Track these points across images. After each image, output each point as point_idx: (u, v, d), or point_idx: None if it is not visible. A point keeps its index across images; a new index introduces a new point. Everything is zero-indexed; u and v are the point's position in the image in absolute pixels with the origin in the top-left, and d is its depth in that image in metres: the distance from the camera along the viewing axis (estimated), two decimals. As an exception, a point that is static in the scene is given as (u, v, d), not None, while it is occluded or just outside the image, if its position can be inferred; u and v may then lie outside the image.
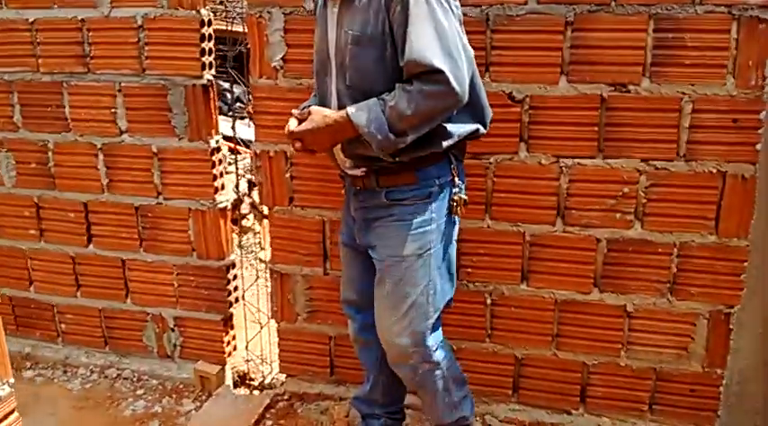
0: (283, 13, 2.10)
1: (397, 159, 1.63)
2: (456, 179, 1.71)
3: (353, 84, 1.64)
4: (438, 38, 1.51)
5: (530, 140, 1.98)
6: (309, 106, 1.73)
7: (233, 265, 2.46)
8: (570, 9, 1.87)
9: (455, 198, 1.71)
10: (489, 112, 1.74)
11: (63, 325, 2.69)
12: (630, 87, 1.88)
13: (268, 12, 2.11)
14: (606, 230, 1.99)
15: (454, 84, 1.50)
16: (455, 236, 1.79)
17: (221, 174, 2.38)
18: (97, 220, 2.52)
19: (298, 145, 1.66)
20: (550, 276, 2.07)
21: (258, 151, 2.25)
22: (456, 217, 1.76)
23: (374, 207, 1.75)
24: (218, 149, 2.37)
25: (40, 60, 2.42)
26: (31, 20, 2.39)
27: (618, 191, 1.95)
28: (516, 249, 2.07)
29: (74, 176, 2.50)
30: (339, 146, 1.71)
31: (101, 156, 2.44)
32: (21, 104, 2.49)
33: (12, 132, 2.53)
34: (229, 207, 2.42)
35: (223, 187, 2.39)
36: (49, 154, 2.51)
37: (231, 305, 2.47)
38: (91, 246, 2.55)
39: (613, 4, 1.84)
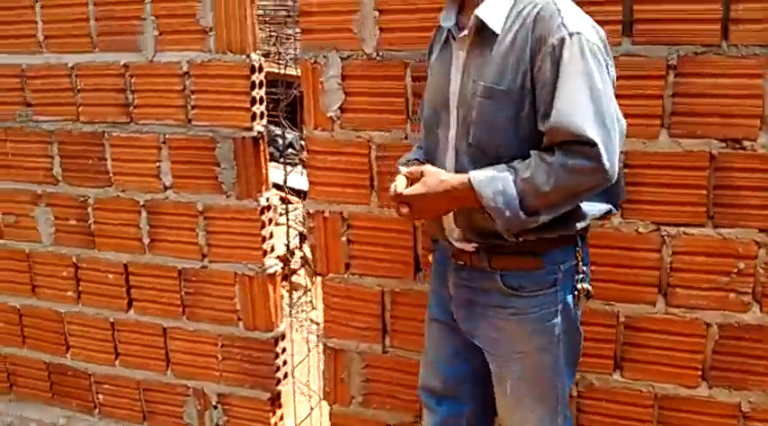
0: (341, 58, 2.17)
1: (521, 239, 1.56)
2: (580, 264, 1.65)
3: (478, 143, 1.57)
4: (592, 103, 1.43)
5: (625, 204, 1.94)
6: (417, 162, 1.68)
7: (282, 337, 2.52)
8: (672, 51, 1.82)
9: (578, 287, 1.65)
10: (623, 192, 1.68)
11: (100, 396, 2.81)
12: (746, 143, 1.81)
13: (324, 56, 2.18)
14: (717, 313, 1.91)
15: (605, 160, 1.41)
16: (580, 320, 1.70)
17: (271, 235, 2.45)
18: (138, 283, 2.64)
19: (404, 210, 1.58)
20: (649, 365, 2.00)
21: (311, 210, 2.30)
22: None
23: (484, 291, 1.68)
24: (269, 208, 2.44)
25: (80, 108, 2.59)
26: (70, 64, 2.56)
27: (732, 267, 1.87)
28: (609, 332, 2.01)
29: (114, 235, 2.63)
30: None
31: (143, 214, 2.57)
32: (60, 156, 2.67)
33: (51, 185, 2.71)
34: (279, 271, 2.48)
35: (273, 249, 2.46)
36: (89, 210, 2.66)
37: (279, 381, 2.52)
38: (131, 312, 2.67)
39: (724, 44, 1.78)
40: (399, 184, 1.60)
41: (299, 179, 3.85)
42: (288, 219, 3.38)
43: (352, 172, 2.21)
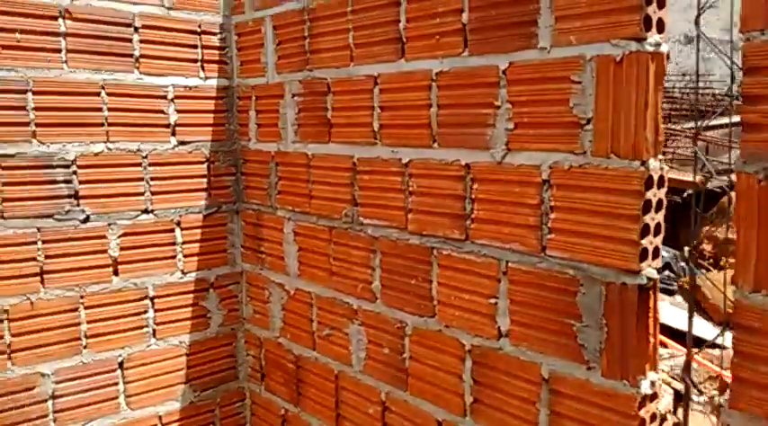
0: (817, 174, 1.13)
1: None
2: None
3: None
4: None
5: None
6: None
7: None
8: None
9: None
10: None
11: None
12: None
13: (782, 170, 1.17)
14: None
15: None
16: None
17: (653, 441, 1.45)
18: (451, 452, 1.83)
19: None
20: None
21: (734, 427, 1.26)
22: None
23: None
24: (654, 397, 1.45)
25: (409, 215, 1.91)
26: (405, 161, 1.91)
27: None
28: None
29: (431, 380, 1.87)
30: None
31: (467, 363, 1.76)
32: (382, 269, 2.01)
33: (368, 302, 2.06)
34: None
35: (654, 465, 1.45)
36: (406, 341, 1.95)
37: None
38: (439, 485, 1.87)
39: None
40: None
41: (674, 314, 2.73)
42: (662, 371, 2.29)
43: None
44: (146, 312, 2.37)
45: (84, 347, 2.24)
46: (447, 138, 1.77)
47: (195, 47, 2.43)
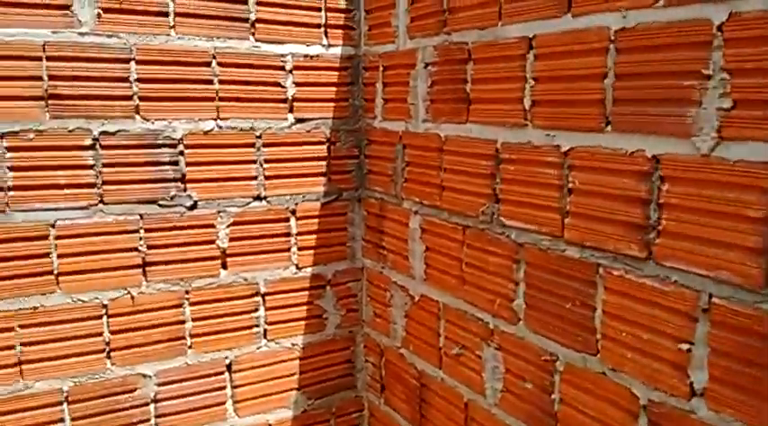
0: None
1: None
2: None
3: None
4: None
5: None
6: None
7: None
8: None
9: None
10: None
11: None
12: None
13: None
14: None
15: None
16: None
17: None
18: None
19: None
20: None
21: None
22: None
23: None
24: None
25: (568, 220, 1.46)
26: (564, 148, 1.45)
27: None
28: None
29: (586, 434, 1.44)
30: None
31: (642, 422, 1.30)
32: (527, 283, 1.59)
33: (508, 323, 1.65)
34: None
35: None
36: (556, 378, 1.52)
37: None
38: None
39: None
40: None
41: None
42: None
43: None
44: (256, 310, 2.10)
45: (189, 347, 2.00)
46: (626, 120, 1.29)
47: (318, 9, 2.09)
